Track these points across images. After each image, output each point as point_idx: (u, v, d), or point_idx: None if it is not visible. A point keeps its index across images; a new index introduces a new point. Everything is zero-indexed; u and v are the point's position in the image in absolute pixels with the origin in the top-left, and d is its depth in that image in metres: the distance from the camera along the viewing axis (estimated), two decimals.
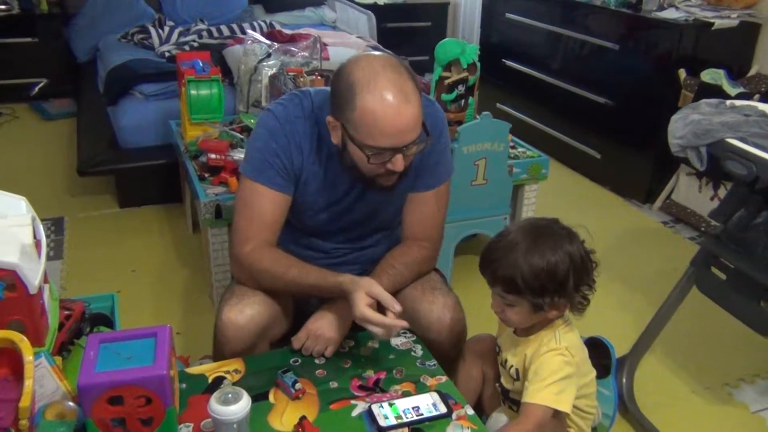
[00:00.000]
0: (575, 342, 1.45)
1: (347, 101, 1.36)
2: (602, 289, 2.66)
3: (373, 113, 1.34)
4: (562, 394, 1.37)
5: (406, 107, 1.35)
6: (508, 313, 1.41)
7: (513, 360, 1.49)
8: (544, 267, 1.33)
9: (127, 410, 1.19)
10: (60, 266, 2.75)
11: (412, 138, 1.39)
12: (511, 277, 1.35)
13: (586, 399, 1.51)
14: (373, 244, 1.71)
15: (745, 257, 1.76)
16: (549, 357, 1.39)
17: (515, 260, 1.34)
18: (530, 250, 1.34)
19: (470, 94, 2.48)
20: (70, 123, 4.20)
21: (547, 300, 1.36)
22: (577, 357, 1.43)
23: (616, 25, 3.40)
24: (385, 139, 1.36)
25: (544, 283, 1.34)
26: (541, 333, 1.44)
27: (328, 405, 1.38)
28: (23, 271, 1.18)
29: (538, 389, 1.36)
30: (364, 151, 1.39)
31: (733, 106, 1.89)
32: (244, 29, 3.91)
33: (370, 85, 1.34)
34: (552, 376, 1.37)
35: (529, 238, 1.36)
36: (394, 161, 1.40)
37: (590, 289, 1.42)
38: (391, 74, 1.35)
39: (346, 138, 1.41)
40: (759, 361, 2.29)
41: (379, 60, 1.39)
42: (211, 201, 2.20)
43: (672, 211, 3.29)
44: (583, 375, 1.48)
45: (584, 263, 1.38)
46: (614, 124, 3.47)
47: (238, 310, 1.50)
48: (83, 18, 4.45)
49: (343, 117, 1.39)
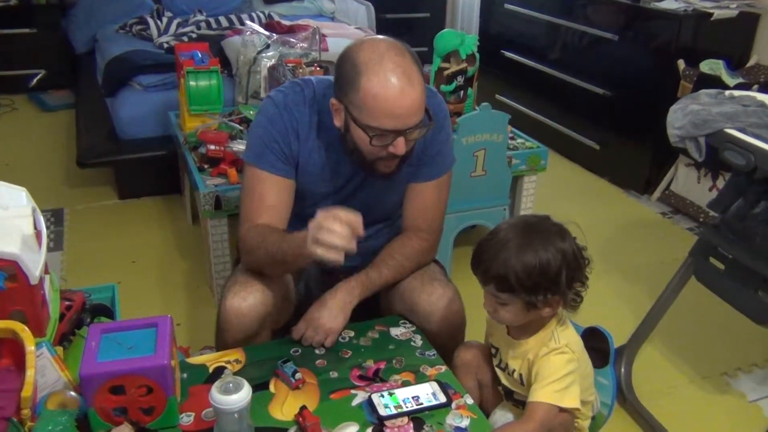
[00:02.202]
0: (573, 338, 1.45)
1: (352, 82, 1.37)
2: (601, 280, 2.70)
3: (376, 94, 1.35)
4: (566, 391, 1.37)
5: (410, 89, 1.35)
6: (501, 311, 1.40)
7: (515, 364, 1.48)
8: (537, 265, 1.32)
9: (129, 400, 1.20)
10: (60, 257, 2.75)
11: (415, 121, 1.40)
12: (503, 276, 1.34)
13: (584, 390, 1.51)
14: (374, 234, 1.71)
15: (744, 247, 1.77)
16: (550, 357, 1.39)
17: (507, 258, 1.33)
18: (522, 248, 1.33)
19: (469, 85, 2.48)
20: (69, 114, 4.19)
21: (541, 298, 1.35)
22: (578, 352, 1.43)
23: (616, 16, 3.39)
24: (389, 120, 1.37)
25: (537, 281, 1.33)
26: (539, 334, 1.44)
27: (329, 395, 1.39)
28: (24, 261, 1.19)
29: (540, 388, 1.37)
30: (367, 132, 1.39)
31: (732, 96, 1.89)
32: (242, 20, 3.89)
33: (375, 67, 1.35)
34: (554, 375, 1.37)
35: (520, 235, 1.35)
36: (396, 144, 1.41)
37: (583, 285, 1.41)
38: (396, 57, 1.36)
39: (349, 120, 1.42)
40: (756, 351, 2.30)
41: (384, 42, 1.40)
42: (211, 192, 2.20)
43: (671, 201, 3.30)
44: (584, 369, 1.48)
45: (577, 260, 1.37)
46: (613, 115, 3.47)
47: (241, 298, 1.50)
48: (81, 9, 4.42)
49: (347, 98, 1.40)
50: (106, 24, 4.15)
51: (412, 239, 1.63)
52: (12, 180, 1.39)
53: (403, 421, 1.32)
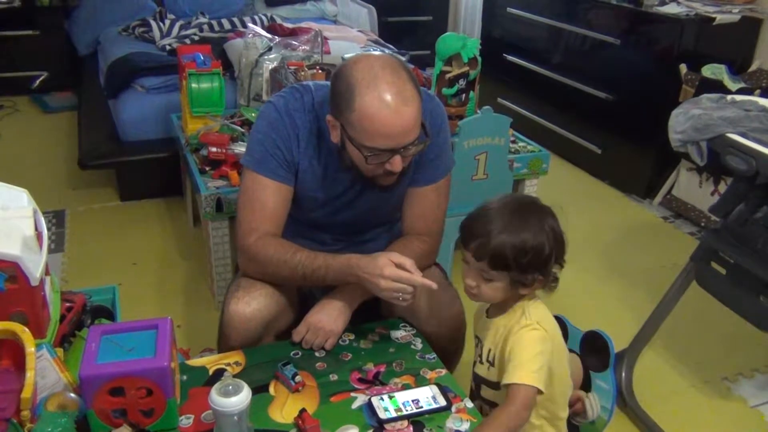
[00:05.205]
0: (545, 315, 1.43)
1: (346, 102, 1.36)
2: (602, 283, 2.70)
3: (371, 115, 1.34)
4: (539, 372, 1.35)
5: (404, 109, 1.35)
6: (485, 287, 1.38)
7: (488, 344, 1.46)
8: (534, 244, 1.33)
9: (129, 401, 1.20)
10: (61, 259, 2.75)
11: (411, 139, 1.39)
12: (500, 253, 1.33)
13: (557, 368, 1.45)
14: (374, 237, 1.72)
15: (745, 252, 1.76)
16: (522, 334, 1.37)
17: (506, 236, 1.32)
18: (521, 227, 1.33)
19: (471, 89, 2.48)
20: (70, 116, 4.20)
21: (530, 277, 1.35)
22: (551, 330, 1.41)
23: (618, 20, 3.39)
24: (383, 140, 1.37)
25: (531, 260, 1.33)
26: (511, 311, 1.42)
27: (328, 397, 1.39)
28: (25, 262, 1.19)
29: (516, 368, 1.33)
30: (362, 152, 1.39)
31: (734, 101, 1.89)
32: (245, 23, 3.91)
33: (369, 87, 1.34)
34: (526, 353, 1.34)
35: (517, 214, 1.35)
36: (393, 162, 1.41)
37: (561, 267, 1.41)
38: (390, 76, 1.35)
39: (345, 138, 1.42)
40: (758, 356, 2.29)
41: (378, 61, 1.39)
42: (212, 194, 2.21)
43: (672, 206, 3.30)
44: (557, 346, 1.45)
45: (562, 240, 1.38)
46: (615, 119, 3.47)
47: (245, 303, 1.50)
48: (84, 11, 4.44)
49: (342, 117, 1.39)
50: (108, 26, 4.16)
51: (412, 242, 1.63)
52: (13, 181, 1.39)
53: (403, 424, 1.31)
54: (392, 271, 1.40)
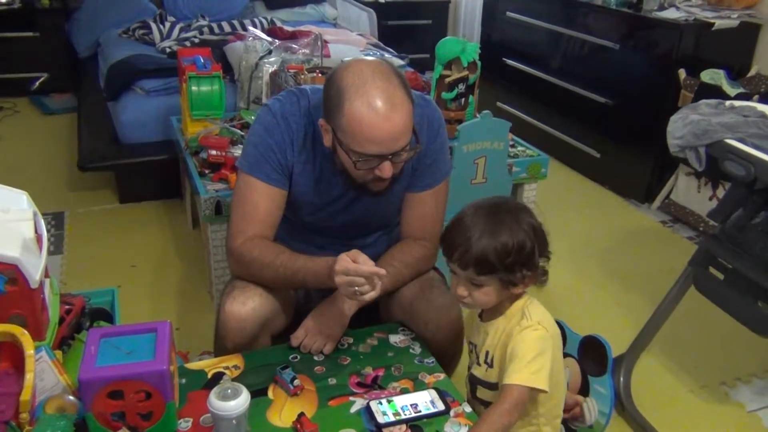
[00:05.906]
0: (544, 314, 1.43)
1: (336, 106, 1.37)
2: (600, 288, 2.70)
3: (359, 120, 1.34)
4: (540, 372, 1.35)
5: (393, 115, 1.35)
6: (477, 294, 1.39)
7: (486, 347, 1.46)
8: (514, 243, 1.33)
9: (127, 404, 1.20)
10: (60, 261, 2.75)
11: (400, 146, 1.40)
12: (483, 258, 1.33)
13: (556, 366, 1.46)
14: (372, 242, 1.72)
15: (743, 257, 1.77)
16: (524, 334, 1.37)
17: (485, 241, 1.33)
18: (497, 228, 1.34)
19: (470, 93, 2.48)
20: (70, 118, 4.20)
21: (518, 275, 1.36)
22: (550, 329, 1.41)
23: (617, 25, 3.40)
24: (372, 146, 1.37)
25: (515, 259, 1.34)
26: (509, 313, 1.42)
27: (327, 401, 1.39)
28: (24, 265, 1.19)
29: (516, 370, 1.33)
30: (351, 156, 1.40)
31: (733, 106, 1.89)
32: (245, 26, 3.91)
33: (358, 92, 1.35)
34: (528, 354, 1.35)
35: (491, 217, 1.36)
36: (382, 168, 1.41)
37: (547, 260, 1.42)
38: (380, 82, 1.36)
39: (336, 142, 1.43)
40: (756, 361, 2.29)
41: (369, 66, 1.39)
42: (211, 197, 2.21)
43: (671, 210, 3.30)
44: (557, 344, 1.45)
45: (543, 235, 1.39)
46: (614, 124, 3.47)
47: (241, 302, 1.50)
48: (84, 13, 4.45)
49: (333, 122, 1.40)
50: (109, 28, 4.17)
51: (411, 247, 1.63)
52: (13, 183, 1.40)
53: (401, 428, 1.32)
54: (341, 265, 1.38)
